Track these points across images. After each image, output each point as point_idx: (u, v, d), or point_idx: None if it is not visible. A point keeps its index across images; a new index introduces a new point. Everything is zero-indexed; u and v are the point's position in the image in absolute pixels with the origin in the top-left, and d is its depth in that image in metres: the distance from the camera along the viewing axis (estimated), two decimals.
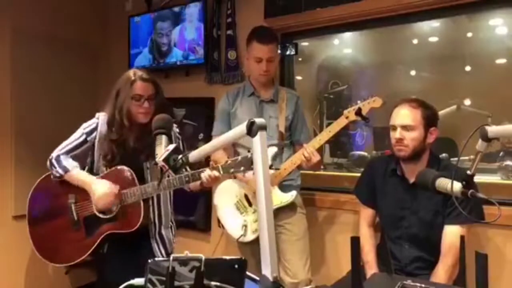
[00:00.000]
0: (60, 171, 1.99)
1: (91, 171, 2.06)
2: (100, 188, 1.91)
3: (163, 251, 2.06)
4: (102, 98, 3.55)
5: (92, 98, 3.59)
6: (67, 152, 2.03)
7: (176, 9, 3.24)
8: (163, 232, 2.07)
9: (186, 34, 3.19)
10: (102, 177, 1.98)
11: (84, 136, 2.04)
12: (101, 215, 1.97)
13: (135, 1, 3.56)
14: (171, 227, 2.14)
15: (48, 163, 2.03)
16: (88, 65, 3.58)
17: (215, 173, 1.82)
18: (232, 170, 1.78)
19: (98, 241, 1.95)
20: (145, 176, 2.00)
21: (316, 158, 2.14)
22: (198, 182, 1.94)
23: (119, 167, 1.97)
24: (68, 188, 2.02)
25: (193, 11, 3.14)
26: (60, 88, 3.32)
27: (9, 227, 3.05)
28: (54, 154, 2.03)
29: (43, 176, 2.10)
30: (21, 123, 3.08)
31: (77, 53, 3.46)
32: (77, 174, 2.00)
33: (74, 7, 3.44)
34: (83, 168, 2.06)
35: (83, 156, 2.06)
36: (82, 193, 1.99)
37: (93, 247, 1.95)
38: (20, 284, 3.12)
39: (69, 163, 2.01)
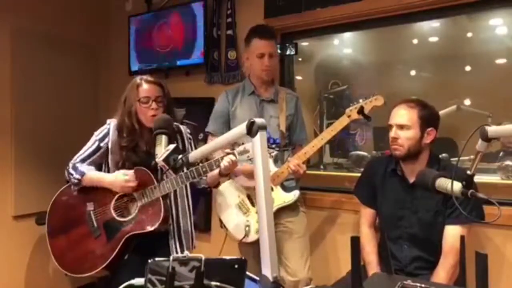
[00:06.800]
0: (78, 176, 1.98)
1: None
2: (119, 175, 1.92)
3: (179, 251, 2.05)
4: (102, 98, 3.61)
5: (92, 98, 3.60)
6: (82, 161, 2.03)
7: (176, 9, 3.24)
8: (181, 223, 2.06)
9: (186, 34, 3.19)
10: None
11: (97, 143, 2.04)
12: (120, 218, 1.96)
13: (135, 1, 3.56)
14: (190, 220, 2.12)
15: (65, 173, 2.03)
16: (88, 65, 3.58)
17: (232, 157, 1.85)
18: (247, 155, 1.80)
19: (120, 244, 1.92)
20: (158, 178, 1.99)
21: (302, 169, 2.17)
22: (215, 175, 1.97)
23: (136, 167, 1.97)
24: (86, 197, 2.02)
25: (193, 11, 3.14)
26: (60, 88, 3.32)
27: (9, 227, 3.06)
28: (70, 164, 2.03)
29: (60, 190, 2.09)
30: (21, 123, 3.08)
31: (77, 53, 3.46)
32: (94, 174, 2.00)
33: (74, 7, 3.44)
34: None
35: (99, 163, 2.06)
36: (100, 199, 1.99)
37: (116, 251, 1.92)
38: (20, 284, 3.13)
39: (85, 167, 2.01)
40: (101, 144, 2.04)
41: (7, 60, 3.02)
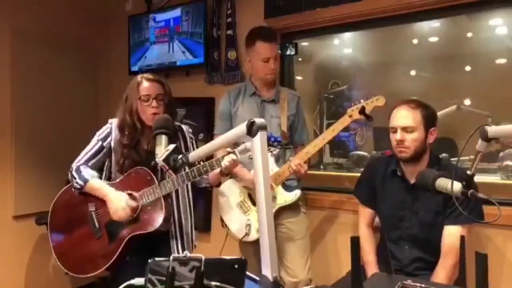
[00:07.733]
0: (80, 182, 1.97)
1: (109, 175, 2.05)
2: (117, 203, 1.90)
3: (180, 250, 2.04)
4: (102, 98, 3.61)
5: (92, 98, 3.60)
6: (86, 162, 2.02)
7: (176, 9, 3.24)
8: (183, 223, 2.05)
9: (186, 34, 3.19)
10: (122, 180, 1.98)
11: (100, 143, 2.03)
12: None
13: (135, 1, 3.56)
14: (191, 220, 2.11)
15: (69, 175, 2.02)
16: (88, 65, 3.58)
17: (233, 156, 1.85)
18: (249, 154, 1.80)
19: (122, 245, 1.91)
20: (158, 177, 1.98)
21: (303, 169, 2.17)
22: (216, 174, 1.97)
23: (137, 167, 1.96)
24: (88, 197, 2.01)
25: (193, 11, 3.14)
26: (60, 88, 3.32)
27: (9, 227, 3.06)
28: (74, 166, 2.02)
29: (62, 190, 2.08)
30: (21, 123, 3.08)
31: (77, 53, 3.46)
32: (95, 184, 1.98)
33: (74, 7, 3.44)
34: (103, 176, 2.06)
35: (103, 163, 2.05)
36: (102, 200, 1.97)
37: (118, 252, 1.91)
38: (20, 284, 3.13)
39: (88, 173, 2.00)
40: (104, 144, 2.03)
41: (7, 60, 3.02)
